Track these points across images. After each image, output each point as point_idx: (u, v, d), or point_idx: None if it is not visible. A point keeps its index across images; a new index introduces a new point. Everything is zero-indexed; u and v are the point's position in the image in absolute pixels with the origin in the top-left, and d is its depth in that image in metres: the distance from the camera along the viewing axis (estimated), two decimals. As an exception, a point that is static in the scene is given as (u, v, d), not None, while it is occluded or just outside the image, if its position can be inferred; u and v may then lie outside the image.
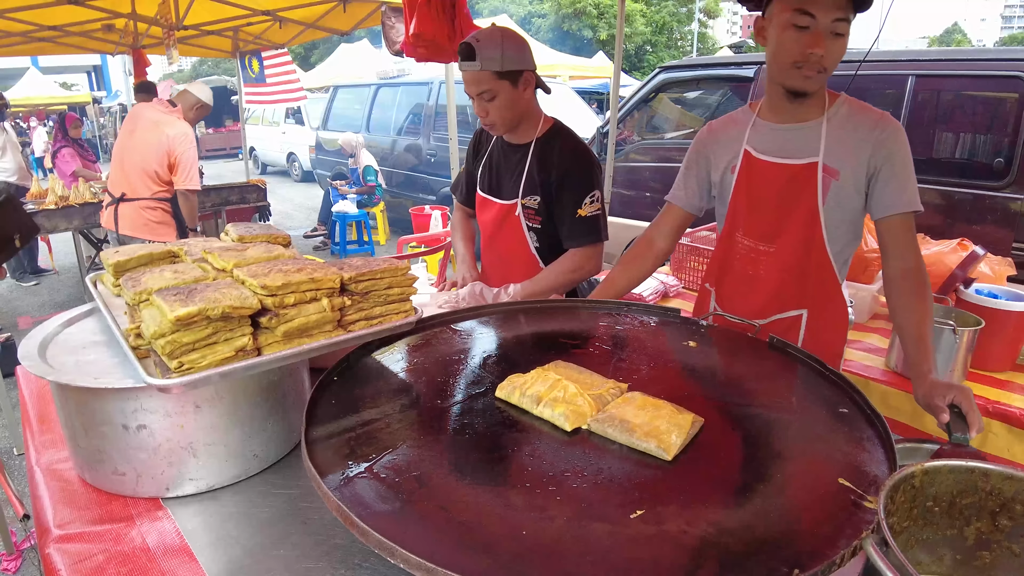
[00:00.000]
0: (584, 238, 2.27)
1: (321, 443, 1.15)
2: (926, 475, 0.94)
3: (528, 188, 2.30)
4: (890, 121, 1.76)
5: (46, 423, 1.68)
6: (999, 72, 4.06)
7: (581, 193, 2.23)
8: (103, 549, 1.20)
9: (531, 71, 2.18)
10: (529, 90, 2.21)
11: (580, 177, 2.23)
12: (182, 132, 4.65)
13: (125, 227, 4.74)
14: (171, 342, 1.15)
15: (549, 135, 2.31)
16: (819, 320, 1.93)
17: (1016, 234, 3.88)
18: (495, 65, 2.09)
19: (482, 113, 2.21)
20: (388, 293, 1.45)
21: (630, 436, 1.15)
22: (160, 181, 4.72)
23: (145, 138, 4.66)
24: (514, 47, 2.12)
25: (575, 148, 2.27)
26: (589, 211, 2.24)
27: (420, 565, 0.81)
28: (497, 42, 2.09)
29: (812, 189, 1.80)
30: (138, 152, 4.68)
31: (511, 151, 2.38)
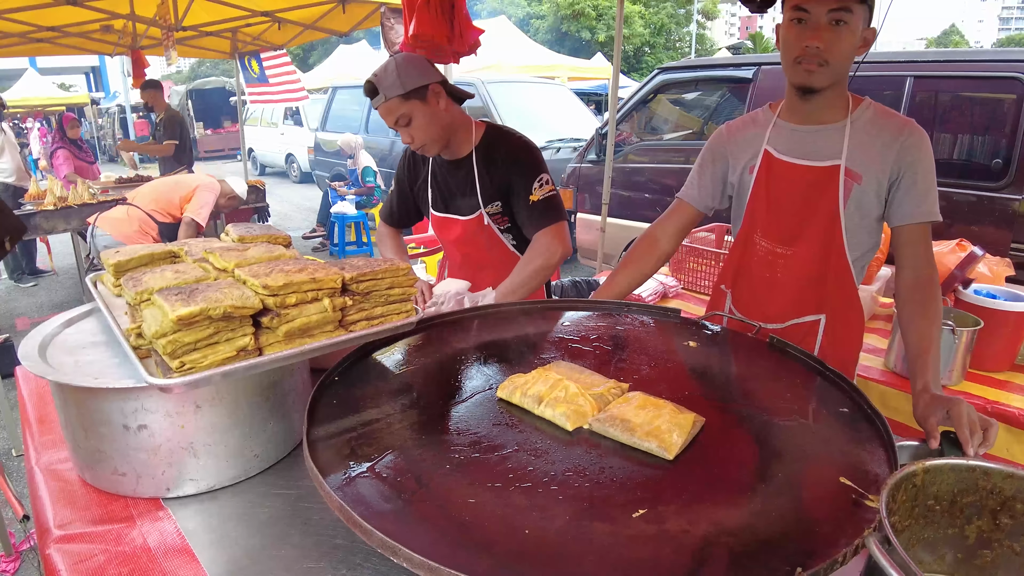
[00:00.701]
0: (542, 221, 2.26)
1: (323, 443, 1.15)
2: (927, 474, 0.94)
3: (486, 197, 2.32)
4: (916, 128, 1.74)
5: (46, 424, 1.68)
6: (997, 73, 4.07)
7: (529, 180, 2.24)
8: (104, 549, 1.20)
9: (437, 83, 2.17)
10: (443, 101, 2.19)
11: (524, 166, 2.26)
12: (209, 183, 5.20)
13: (104, 223, 4.85)
14: (172, 342, 1.15)
15: (486, 141, 2.31)
16: (836, 326, 1.91)
17: (1014, 234, 3.89)
18: (396, 90, 2.08)
19: (408, 140, 2.21)
20: (389, 293, 1.45)
21: (631, 436, 1.15)
22: (163, 212, 4.99)
23: (177, 179, 5.25)
24: (409, 67, 2.11)
25: (514, 143, 2.30)
26: (540, 195, 2.24)
27: (423, 564, 0.81)
28: (392, 69, 2.09)
29: (833, 192, 1.77)
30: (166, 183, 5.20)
31: (454, 168, 2.37)
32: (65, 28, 7.07)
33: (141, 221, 4.90)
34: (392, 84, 2.08)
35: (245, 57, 9.00)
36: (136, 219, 4.89)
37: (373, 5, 6.35)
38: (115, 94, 26.28)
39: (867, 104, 1.80)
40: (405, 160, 2.56)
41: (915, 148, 1.72)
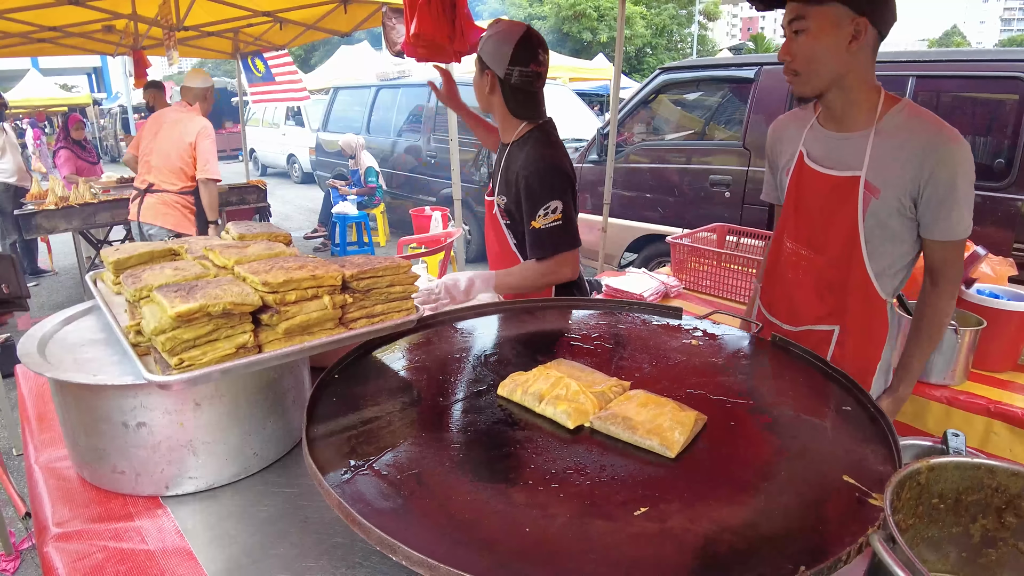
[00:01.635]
0: (539, 250, 2.22)
1: (322, 441, 1.14)
2: (932, 472, 0.93)
3: (501, 187, 2.35)
4: (948, 138, 1.66)
5: (45, 421, 1.67)
6: (999, 73, 4.06)
7: (535, 205, 2.18)
8: (102, 547, 1.19)
9: (493, 72, 2.23)
10: (492, 89, 2.26)
11: (535, 189, 2.19)
12: (202, 126, 4.98)
13: (147, 216, 4.98)
14: (171, 338, 1.15)
15: (522, 141, 2.30)
16: (853, 338, 1.89)
17: (1017, 234, 3.88)
18: (480, 47, 2.25)
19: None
20: (390, 291, 1.44)
21: (633, 434, 1.14)
22: (185, 176, 5.01)
23: (169, 136, 4.96)
24: (492, 41, 2.22)
25: (537, 155, 2.22)
26: (543, 223, 2.18)
27: (422, 562, 0.80)
28: (490, 33, 2.23)
29: (853, 204, 1.75)
30: (163, 150, 4.97)
31: (500, 150, 2.45)
32: (67, 28, 7.08)
33: (175, 201, 5.04)
34: (481, 47, 2.26)
35: (248, 57, 9.01)
36: (171, 201, 5.02)
37: (375, 5, 6.36)
38: (117, 95, 26.30)
39: (900, 107, 1.74)
40: None
41: (941, 163, 1.65)
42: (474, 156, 8.13)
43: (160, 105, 7.61)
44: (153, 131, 5.08)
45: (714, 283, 3.13)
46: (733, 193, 5.14)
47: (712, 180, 5.24)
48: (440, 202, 8.90)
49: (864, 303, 1.84)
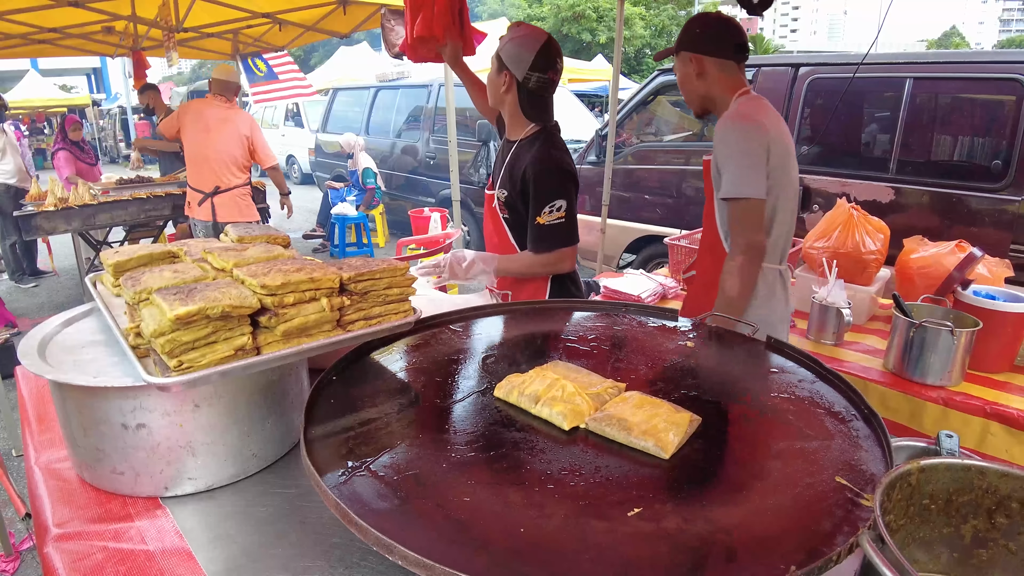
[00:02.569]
0: (542, 244, 2.34)
1: (320, 442, 1.15)
2: (922, 472, 0.94)
3: (503, 181, 2.42)
4: (723, 119, 2.20)
5: (45, 423, 1.68)
6: (996, 75, 4.07)
7: (542, 201, 2.29)
8: (102, 548, 1.20)
9: (512, 74, 2.30)
10: (508, 89, 2.34)
11: (543, 186, 2.29)
12: (252, 120, 5.56)
13: (223, 216, 5.53)
14: (171, 341, 1.16)
15: (531, 138, 2.39)
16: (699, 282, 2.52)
17: (1014, 236, 3.89)
18: (500, 46, 2.32)
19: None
20: (387, 293, 1.45)
21: (628, 435, 1.15)
22: (244, 168, 5.59)
23: (222, 135, 5.43)
24: (514, 44, 2.29)
25: (546, 155, 2.31)
26: (547, 220, 2.30)
27: (418, 562, 0.81)
28: (511, 33, 2.32)
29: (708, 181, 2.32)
30: (223, 149, 5.45)
31: (505, 146, 2.50)
32: (67, 29, 7.09)
33: (243, 195, 5.62)
34: (501, 46, 2.32)
35: (248, 58, 9.02)
36: (240, 196, 5.60)
37: (374, 6, 6.36)
38: (116, 95, 26.30)
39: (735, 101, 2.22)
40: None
41: (716, 137, 2.19)
42: (473, 157, 8.14)
43: (158, 106, 7.65)
44: (202, 127, 5.43)
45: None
46: (731, 194, 5.15)
47: (710, 181, 5.25)
48: (439, 203, 8.91)
49: (712, 256, 2.35)
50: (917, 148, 4.44)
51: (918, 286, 2.68)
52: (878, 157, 4.61)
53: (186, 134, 5.52)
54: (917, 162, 4.42)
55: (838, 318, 2.54)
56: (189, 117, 5.53)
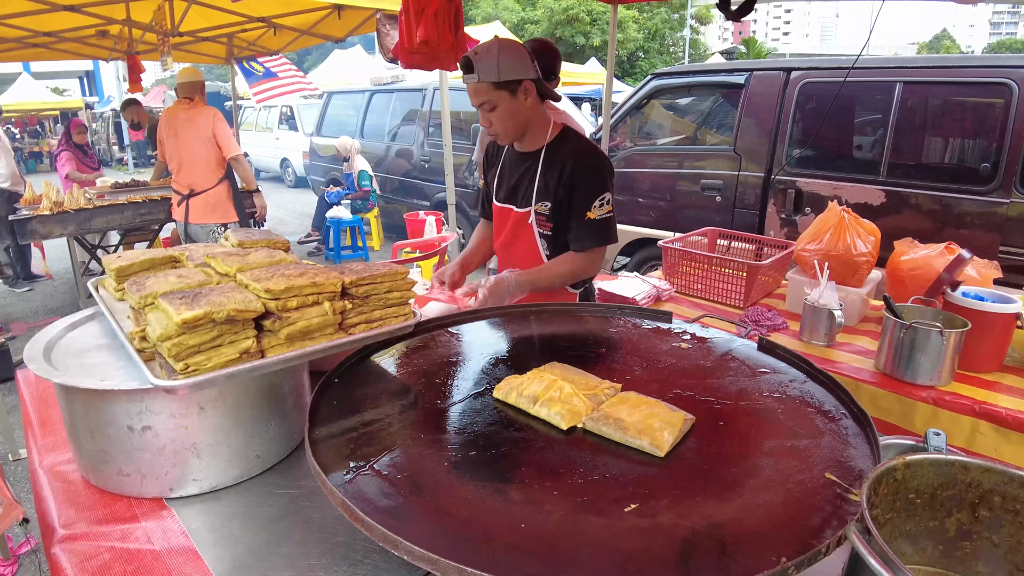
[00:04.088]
0: (590, 241, 2.29)
1: (324, 443, 1.18)
2: (908, 468, 0.97)
3: (540, 194, 2.33)
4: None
5: (48, 426, 1.70)
6: (985, 79, 4.12)
7: (590, 195, 2.25)
8: (109, 548, 1.22)
9: (531, 80, 2.20)
10: (531, 99, 2.23)
11: (589, 179, 2.25)
12: (211, 114, 5.49)
13: (194, 217, 5.59)
14: (177, 344, 1.18)
15: (558, 140, 2.33)
16: None
17: (1003, 237, 3.94)
18: (492, 76, 2.12)
19: (486, 123, 2.25)
20: (388, 297, 1.48)
21: (624, 434, 1.18)
22: (216, 166, 5.56)
23: (187, 136, 5.46)
24: (511, 57, 2.13)
25: (584, 150, 2.28)
26: (598, 214, 2.25)
27: (424, 557, 0.84)
28: (494, 54, 2.11)
29: None
30: (190, 151, 5.47)
31: (521, 159, 2.41)
32: (62, 33, 7.09)
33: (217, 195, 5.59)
34: (489, 69, 2.12)
35: (244, 60, 9.04)
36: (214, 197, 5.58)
37: (369, 11, 6.38)
38: (109, 98, 26.24)
39: None
40: (484, 151, 2.66)
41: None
42: (467, 160, 8.17)
43: (143, 119, 7.69)
44: (171, 133, 5.51)
45: (705, 287, 3.17)
46: (724, 197, 5.20)
47: (703, 184, 5.30)
48: (434, 206, 8.93)
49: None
50: (907, 151, 4.49)
51: (908, 288, 2.71)
52: (869, 160, 4.66)
53: (163, 142, 5.65)
54: (907, 165, 4.46)
55: (830, 319, 2.57)
56: (162, 125, 5.67)
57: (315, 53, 31.81)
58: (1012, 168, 3.92)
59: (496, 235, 2.59)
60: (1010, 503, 0.96)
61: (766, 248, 3.40)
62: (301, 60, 34.15)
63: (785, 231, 4.86)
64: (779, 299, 3.18)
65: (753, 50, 33.86)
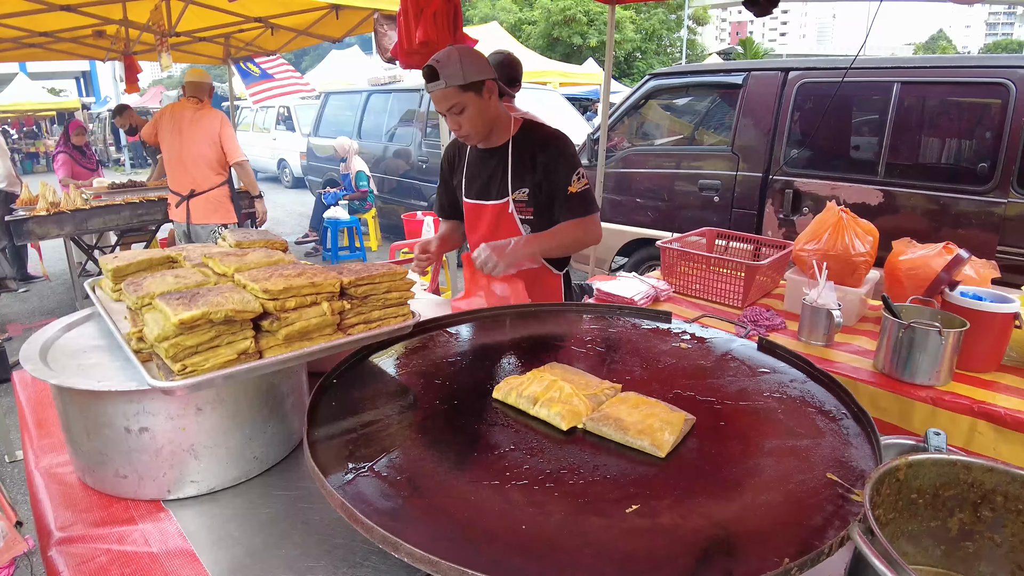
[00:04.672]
0: (578, 211, 2.43)
1: (323, 444, 1.17)
2: (910, 468, 0.97)
3: (516, 183, 2.44)
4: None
5: (44, 427, 1.69)
6: (983, 79, 4.13)
7: (568, 173, 2.40)
8: (105, 550, 1.21)
9: (492, 79, 2.31)
10: (494, 97, 2.35)
11: (562, 159, 2.40)
12: (219, 117, 5.53)
13: (196, 217, 5.58)
14: (174, 345, 1.17)
15: (522, 132, 2.46)
16: None
17: (1000, 237, 3.94)
18: (457, 79, 2.20)
19: (455, 127, 2.34)
20: (387, 297, 1.47)
21: (624, 434, 1.17)
22: (221, 170, 5.59)
23: (194, 136, 5.45)
24: (471, 61, 2.24)
25: (550, 135, 2.45)
26: (578, 187, 2.42)
27: (424, 558, 0.83)
28: (455, 59, 2.21)
29: None
30: (194, 150, 5.46)
31: (489, 156, 2.51)
32: (58, 33, 7.07)
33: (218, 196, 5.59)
34: (454, 73, 2.20)
35: (241, 61, 9.02)
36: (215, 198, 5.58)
37: (366, 11, 6.37)
38: (106, 99, 26.19)
39: None
40: (446, 154, 2.75)
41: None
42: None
43: (137, 122, 7.67)
44: (175, 130, 5.48)
45: (703, 286, 3.16)
46: (722, 197, 5.20)
47: (701, 184, 5.30)
48: (431, 207, 8.92)
49: None
50: (905, 151, 4.49)
51: (907, 287, 2.71)
52: (867, 160, 4.66)
53: (162, 138, 5.61)
54: (905, 165, 4.47)
55: (828, 319, 2.57)
56: (164, 121, 5.62)
57: (312, 54, 31.80)
58: (1010, 168, 3.92)
59: (471, 231, 2.68)
60: (1012, 503, 0.96)
61: (764, 248, 3.40)
62: (299, 61, 34.13)
63: (783, 231, 4.86)
64: (777, 299, 3.18)
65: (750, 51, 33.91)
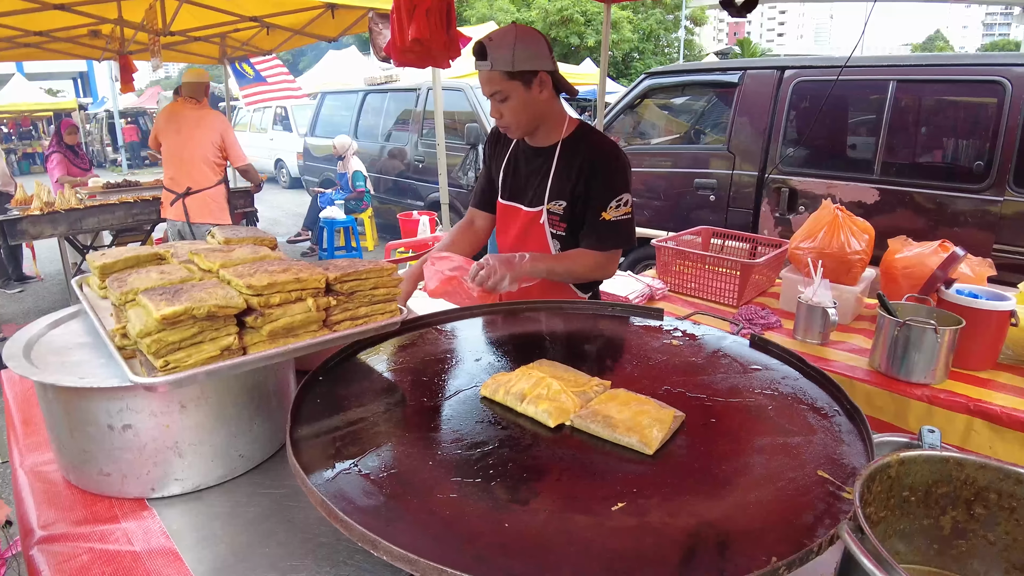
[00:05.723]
0: (603, 243, 2.16)
1: (306, 442, 1.16)
2: (902, 465, 0.95)
3: (554, 192, 2.19)
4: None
5: (31, 426, 1.67)
6: (978, 77, 4.12)
7: (608, 195, 2.11)
8: (87, 549, 1.19)
9: (547, 72, 2.09)
10: (546, 92, 2.11)
11: (608, 178, 2.12)
12: (222, 120, 5.61)
13: (196, 216, 5.59)
14: (157, 341, 1.16)
15: (575, 136, 2.21)
16: None
17: (996, 235, 3.94)
18: (506, 65, 2.00)
19: (496, 115, 2.14)
20: (374, 293, 1.46)
21: (612, 431, 1.16)
22: (217, 168, 5.61)
23: (194, 134, 5.47)
24: (527, 46, 2.02)
25: (603, 147, 2.16)
26: (614, 215, 2.12)
27: (403, 557, 0.82)
28: (510, 42, 2.00)
29: None
30: (194, 147, 5.48)
31: (534, 155, 2.27)
32: (53, 33, 7.04)
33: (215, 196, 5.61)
34: (504, 58, 2.00)
35: (236, 61, 9.00)
36: (212, 198, 5.59)
37: (362, 10, 6.35)
38: (103, 99, 26.15)
39: None
40: (491, 140, 2.47)
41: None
42: (461, 160, 8.15)
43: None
44: (174, 130, 5.49)
45: (698, 285, 3.15)
46: (718, 196, 5.19)
47: (697, 184, 5.29)
48: (428, 206, 8.91)
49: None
50: (901, 150, 4.49)
51: (902, 286, 2.71)
52: (863, 159, 4.65)
53: (162, 138, 5.61)
54: (901, 164, 4.46)
55: (824, 318, 2.56)
56: (163, 120, 5.62)
57: (309, 54, 31.77)
58: (1005, 166, 3.92)
59: (501, 233, 2.44)
60: (1006, 500, 0.94)
61: (760, 247, 3.39)
62: (296, 61, 34.10)
63: (779, 230, 4.85)
64: (773, 298, 3.17)
65: (747, 51, 33.94)
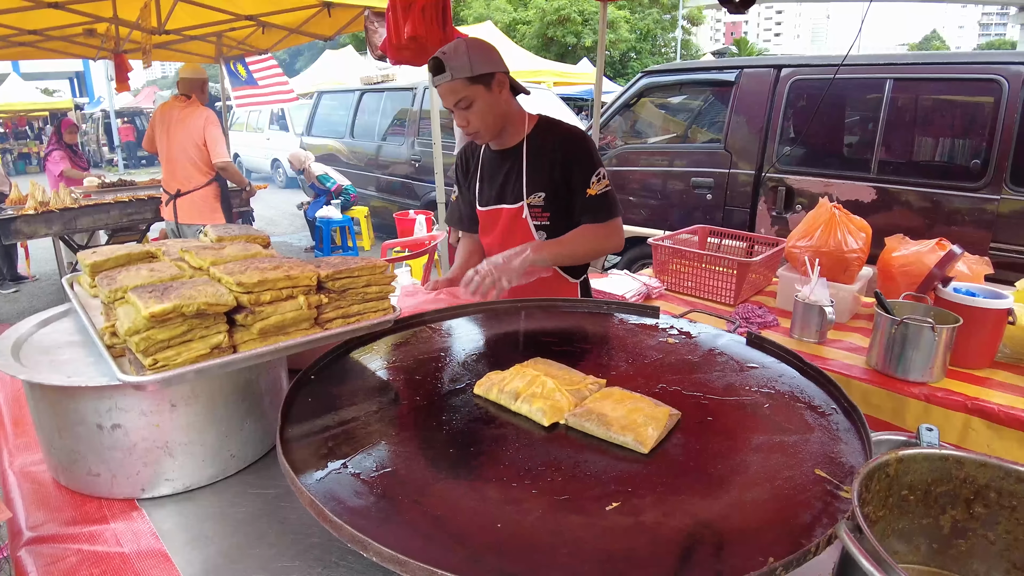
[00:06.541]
0: (598, 215, 2.25)
1: (297, 441, 1.14)
2: (900, 463, 0.94)
3: (532, 186, 2.28)
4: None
5: (21, 426, 1.65)
6: (975, 75, 4.12)
7: (587, 173, 2.22)
8: (76, 550, 1.18)
9: (503, 73, 2.18)
10: (505, 92, 2.21)
11: (581, 159, 2.23)
12: (204, 116, 5.39)
13: (184, 217, 5.53)
14: (145, 339, 1.14)
15: (538, 130, 2.30)
16: None
17: (993, 234, 3.93)
18: (465, 72, 2.08)
19: (463, 123, 2.20)
20: (366, 291, 1.44)
21: (607, 430, 1.14)
22: (204, 168, 5.47)
23: (179, 135, 5.38)
24: (480, 52, 2.12)
25: (568, 133, 2.27)
26: (598, 189, 2.23)
27: (392, 558, 0.80)
28: (463, 51, 2.09)
29: None
30: (179, 149, 5.40)
31: (503, 158, 2.36)
32: (47, 31, 7.00)
33: (204, 197, 5.52)
34: (461, 66, 2.07)
35: (231, 61, 8.97)
36: (201, 199, 5.50)
37: (358, 9, 6.34)
38: (99, 99, 26.10)
39: None
40: (459, 160, 2.60)
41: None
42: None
43: None
44: (163, 130, 5.45)
45: (695, 284, 3.14)
46: (715, 195, 5.18)
47: (694, 182, 5.28)
48: (424, 206, 8.89)
49: None
50: (898, 148, 4.48)
51: (900, 284, 2.70)
52: (860, 157, 4.64)
53: (156, 138, 5.58)
54: (898, 162, 4.46)
55: (821, 316, 2.55)
56: (156, 120, 5.58)
57: (306, 53, 31.74)
58: (1002, 165, 3.92)
59: (484, 235, 2.52)
60: (1006, 499, 0.93)
61: (757, 245, 3.38)
62: (293, 60, 34.06)
63: (776, 228, 4.84)
64: (770, 296, 3.16)
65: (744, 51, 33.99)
